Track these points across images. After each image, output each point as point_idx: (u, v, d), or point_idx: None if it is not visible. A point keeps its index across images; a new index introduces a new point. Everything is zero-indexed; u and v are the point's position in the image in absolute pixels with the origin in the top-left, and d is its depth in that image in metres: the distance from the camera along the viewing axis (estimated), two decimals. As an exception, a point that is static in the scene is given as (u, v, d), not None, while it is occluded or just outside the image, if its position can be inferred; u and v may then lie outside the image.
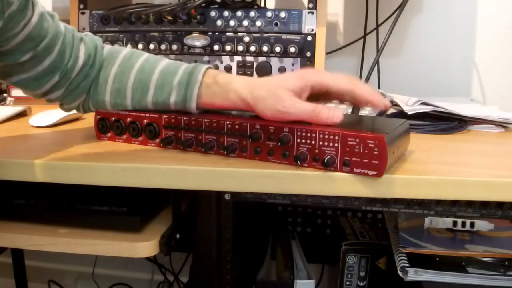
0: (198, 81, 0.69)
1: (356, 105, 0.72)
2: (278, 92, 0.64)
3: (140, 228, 0.74)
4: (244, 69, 1.06)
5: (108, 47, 0.77)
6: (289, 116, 0.64)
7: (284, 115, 0.64)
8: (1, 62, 0.69)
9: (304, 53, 1.04)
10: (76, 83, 0.74)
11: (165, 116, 0.70)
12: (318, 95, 0.68)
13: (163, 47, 1.06)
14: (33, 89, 0.74)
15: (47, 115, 0.88)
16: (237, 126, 0.66)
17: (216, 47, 1.06)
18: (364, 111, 0.90)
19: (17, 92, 1.12)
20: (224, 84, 0.69)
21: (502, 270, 0.74)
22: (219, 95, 0.69)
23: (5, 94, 1.13)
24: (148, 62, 0.73)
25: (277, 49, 1.03)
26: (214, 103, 0.69)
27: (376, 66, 1.22)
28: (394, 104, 0.99)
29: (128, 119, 0.73)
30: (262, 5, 1.20)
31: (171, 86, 0.70)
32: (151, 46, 1.06)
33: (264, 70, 1.05)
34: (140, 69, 0.72)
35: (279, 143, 0.62)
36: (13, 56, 0.68)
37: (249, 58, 1.06)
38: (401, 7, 0.90)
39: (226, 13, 1.05)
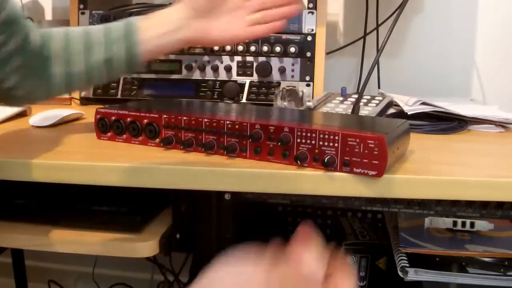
0: (137, 26, 0.72)
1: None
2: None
3: (140, 228, 0.74)
4: (244, 69, 1.06)
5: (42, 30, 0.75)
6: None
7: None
8: None
9: (304, 53, 1.04)
10: (34, 66, 0.72)
11: (165, 116, 0.70)
12: None
13: (163, 47, 1.06)
14: None
15: (47, 115, 0.88)
16: (237, 126, 0.66)
17: (216, 47, 1.06)
18: (364, 111, 0.90)
19: (17, 92, 1.12)
20: (158, 13, 0.74)
21: (502, 270, 0.74)
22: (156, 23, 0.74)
23: (5, 94, 1.13)
24: (86, 29, 0.74)
25: (277, 49, 1.03)
26: (158, 38, 0.73)
27: (376, 66, 1.22)
28: (394, 104, 0.99)
29: (128, 119, 0.73)
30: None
31: (115, 39, 0.72)
32: (151, 46, 1.06)
33: (264, 70, 1.05)
34: (85, 33, 0.73)
35: (279, 143, 0.62)
36: None
37: (249, 58, 1.06)
38: (401, 7, 0.90)
39: (226, 13, 1.05)
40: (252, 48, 1.04)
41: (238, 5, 0.76)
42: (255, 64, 1.05)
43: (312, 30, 1.04)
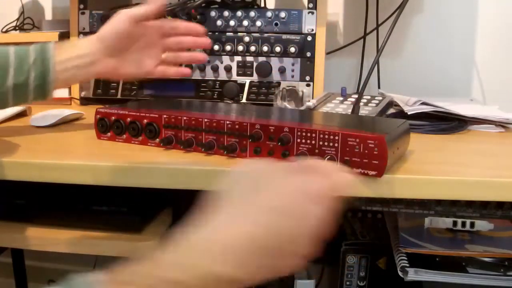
0: (51, 54, 0.73)
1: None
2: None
3: (140, 228, 0.74)
4: (244, 69, 1.06)
5: None
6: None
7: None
8: None
9: (304, 53, 1.04)
10: None
11: (165, 116, 0.70)
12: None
13: (163, 47, 1.06)
14: None
15: (47, 115, 0.88)
16: (237, 126, 0.66)
17: (216, 47, 1.06)
18: (364, 111, 0.90)
19: (17, 92, 1.12)
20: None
21: (502, 270, 0.74)
22: (66, 47, 0.75)
23: (5, 94, 1.13)
24: (1, 48, 0.74)
25: (277, 49, 1.03)
26: (65, 59, 0.74)
27: (376, 66, 1.22)
28: (394, 104, 0.99)
29: (128, 119, 0.73)
30: (262, 5, 1.20)
31: (28, 64, 0.72)
32: (151, 46, 1.06)
33: (264, 70, 1.05)
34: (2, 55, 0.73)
35: (279, 143, 0.62)
36: None
37: (249, 58, 1.06)
38: (401, 7, 0.90)
39: (226, 13, 1.05)
40: (252, 48, 1.04)
41: (152, 42, 0.79)
42: (255, 64, 1.05)
43: (312, 30, 1.04)
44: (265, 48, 1.04)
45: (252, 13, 1.04)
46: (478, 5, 1.25)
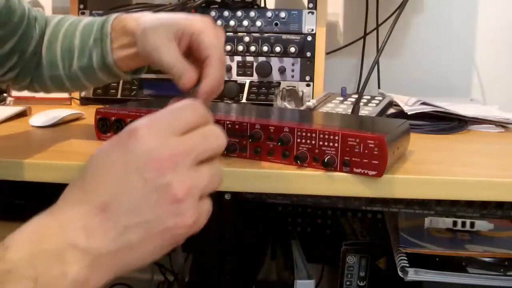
0: (107, 33, 0.66)
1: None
2: (159, 27, 0.59)
3: (140, 228, 0.74)
4: (244, 69, 1.06)
5: (44, 17, 0.74)
6: (157, 60, 0.58)
7: (154, 56, 0.58)
8: None
9: (304, 53, 1.04)
10: (30, 63, 0.71)
11: (165, 116, 0.70)
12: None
13: (163, 47, 1.06)
14: None
15: (47, 115, 0.88)
16: (237, 126, 0.66)
17: (216, 47, 1.05)
18: (364, 111, 0.90)
19: (17, 92, 1.12)
20: (123, 19, 0.66)
21: (502, 270, 0.74)
22: (120, 34, 0.66)
23: (5, 94, 1.13)
24: (71, 26, 0.71)
25: (277, 49, 1.03)
26: (124, 49, 0.66)
27: (376, 66, 1.22)
28: (394, 104, 0.99)
29: (128, 119, 0.73)
30: (262, 5, 1.20)
31: (89, 45, 0.68)
32: (151, 46, 1.06)
33: (264, 70, 1.05)
34: (64, 35, 0.70)
35: (279, 143, 0.62)
36: None
37: (249, 58, 1.06)
38: (401, 7, 0.90)
39: (226, 13, 1.05)
40: (252, 48, 1.04)
41: None
42: (255, 64, 1.05)
43: (312, 30, 1.04)
44: (265, 48, 1.04)
45: (252, 13, 1.04)
46: (478, 5, 1.25)
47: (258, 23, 1.04)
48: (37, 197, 0.78)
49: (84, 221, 0.36)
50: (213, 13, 1.05)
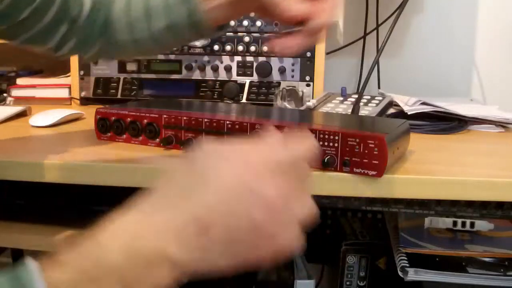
0: None
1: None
2: None
3: (140, 228, 0.74)
4: (244, 69, 1.06)
5: None
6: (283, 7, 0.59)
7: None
8: (1, 26, 0.64)
9: (304, 53, 1.04)
10: (87, 30, 0.69)
11: (165, 116, 0.70)
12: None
13: (163, 47, 1.06)
14: (43, 44, 0.68)
15: (47, 115, 0.88)
16: (237, 126, 0.66)
17: (216, 47, 1.06)
18: (364, 111, 0.90)
19: (17, 92, 1.13)
20: None
21: (502, 270, 0.74)
22: None
23: (5, 94, 1.13)
24: None
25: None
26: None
27: (376, 66, 1.22)
28: (394, 104, 0.99)
29: (128, 119, 0.73)
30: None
31: (174, 4, 0.66)
32: (151, 46, 1.06)
33: (264, 70, 1.05)
34: None
35: (279, 143, 0.62)
36: (10, 16, 0.63)
37: (249, 58, 1.06)
38: (401, 7, 0.90)
39: (226, 13, 1.05)
40: (252, 48, 1.04)
41: None
42: (255, 64, 1.05)
43: (312, 30, 1.03)
44: (265, 48, 1.04)
45: (252, 13, 1.04)
46: (478, 5, 1.25)
47: (258, 23, 1.04)
48: (37, 197, 0.78)
49: (182, 233, 0.37)
50: (213, 13, 1.05)
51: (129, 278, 0.36)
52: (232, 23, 1.04)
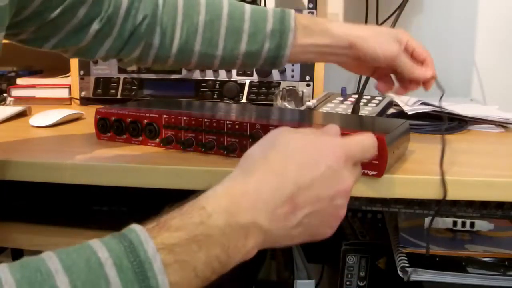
0: (292, 28, 0.68)
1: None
2: (385, 36, 0.69)
3: (140, 228, 0.74)
4: (244, 69, 1.06)
5: None
6: (393, 66, 0.70)
7: (389, 62, 0.69)
8: (31, 26, 0.64)
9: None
10: (128, 30, 0.67)
11: (165, 116, 0.70)
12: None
13: (163, 47, 1.06)
14: (75, 44, 0.67)
15: (47, 115, 0.88)
16: (237, 126, 0.66)
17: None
18: (364, 111, 0.90)
19: (17, 92, 1.13)
20: (321, 23, 0.70)
21: (502, 270, 0.74)
22: (317, 33, 0.69)
23: (5, 94, 1.13)
24: (235, 7, 0.70)
25: (277, 49, 1.03)
26: (310, 43, 0.70)
27: (376, 66, 1.22)
28: (394, 104, 0.99)
29: (128, 119, 0.73)
30: (262, 5, 1.20)
31: (264, 34, 0.68)
32: (151, 46, 1.06)
33: (264, 70, 1.05)
34: (230, 16, 0.69)
35: (279, 143, 0.62)
36: (42, 15, 0.62)
37: (249, 58, 1.06)
38: (401, 7, 0.90)
39: (226, 13, 1.05)
40: (252, 48, 1.04)
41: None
42: (255, 64, 1.05)
43: (312, 30, 1.03)
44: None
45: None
46: (478, 5, 1.25)
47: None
48: (37, 197, 0.78)
49: (274, 206, 0.42)
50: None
51: (229, 242, 0.40)
52: None
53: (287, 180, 0.43)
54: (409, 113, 0.89)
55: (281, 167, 0.44)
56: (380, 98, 0.98)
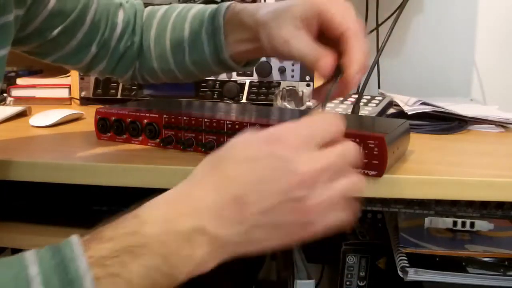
0: (220, 26, 0.62)
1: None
2: (282, 17, 0.54)
3: (140, 228, 0.74)
4: (244, 69, 1.06)
5: (148, 9, 0.72)
6: (288, 53, 0.54)
7: (283, 50, 0.54)
8: (33, 43, 0.66)
9: (304, 53, 1.04)
10: (120, 52, 0.70)
11: (165, 116, 0.70)
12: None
13: (163, 47, 1.06)
14: (73, 64, 0.70)
15: (47, 115, 0.88)
16: (237, 126, 0.66)
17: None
18: (364, 111, 0.90)
19: (17, 92, 1.12)
20: (247, 12, 0.60)
21: (502, 270, 0.74)
22: (241, 30, 0.61)
23: (5, 94, 1.13)
24: (179, 17, 0.68)
25: (277, 49, 1.03)
26: (241, 43, 0.62)
27: (376, 66, 1.22)
28: (394, 104, 0.99)
29: (128, 119, 0.73)
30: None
31: (201, 39, 0.65)
32: (151, 46, 1.06)
33: (264, 70, 1.05)
34: (172, 28, 0.68)
35: (279, 143, 0.62)
36: (44, 33, 0.65)
37: (249, 58, 1.06)
38: (401, 7, 0.90)
39: (226, 13, 1.05)
40: (252, 48, 1.04)
41: None
42: (255, 64, 1.05)
43: (312, 30, 1.03)
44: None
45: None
46: (478, 5, 1.25)
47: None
48: (37, 197, 0.78)
49: (218, 209, 0.38)
50: (213, 13, 1.05)
51: (169, 252, 0.37)
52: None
53: (231, 179, 0.39)
54: (409, 113, 0.89)
55: (224, 168, 0.40)
56: (380, 98, 0.98)
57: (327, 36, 0.54)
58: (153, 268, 0.37)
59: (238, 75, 1.06)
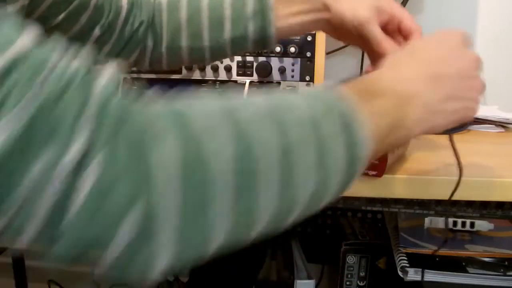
0: (271, 5, 0.66)
1: None
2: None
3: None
4: (244, 69, 1.06)
5: None
6: (364, 31, 0.64)
7: (360, 28, 0.64)
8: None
9: (304, 53, 1.04)
10: (126, 36, 0.70)
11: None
12: None
13: (163, 47, 1.06)
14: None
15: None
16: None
17: (216, 47, 1.05)
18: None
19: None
20: None
21: (502, 270, 0.74)
22: (300, 2, 0.67)
23: (5, 94, 1.13)
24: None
25: (277, 49, 1.03)
26: (296, 16, 0.67)
27: (376, 66, 1.22)
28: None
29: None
30: None
31: (245, 17, 0.67)
32: (151, 46, 1.06)
33: (264, 70, 1.05)
34: (210, 6, 0.69)
35: (279, 143, 0.62)
36: (48, 20, 0.64)
37: (249, 58, 1.06)
38: (401, 7, 0.91)
39: (226, 13, 1.05)
40: (252, 48, 1.04)
41: None
42: (255, 64, 1.05)
43: (312, 30, 1.04)
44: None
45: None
46: (478, 5, 1.25)
47: (258, 23, 1.04)
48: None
49: (424, 80, 0.46)
50: (213, 13, 1.05)
51: (400, 104, 0.44)
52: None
53: (429, 60, 0.48)
54: (409, 113, 0.89)
55: (419, 54, 0.50)
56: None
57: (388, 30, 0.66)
58: (391, 113, 0.43)
59: (238, 75, 1.07)
